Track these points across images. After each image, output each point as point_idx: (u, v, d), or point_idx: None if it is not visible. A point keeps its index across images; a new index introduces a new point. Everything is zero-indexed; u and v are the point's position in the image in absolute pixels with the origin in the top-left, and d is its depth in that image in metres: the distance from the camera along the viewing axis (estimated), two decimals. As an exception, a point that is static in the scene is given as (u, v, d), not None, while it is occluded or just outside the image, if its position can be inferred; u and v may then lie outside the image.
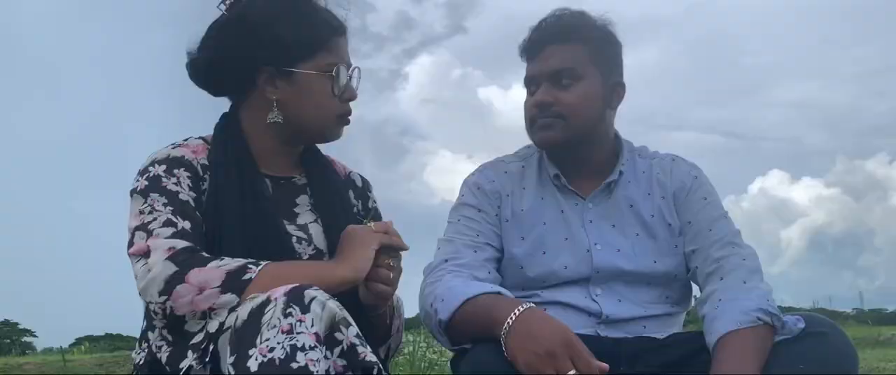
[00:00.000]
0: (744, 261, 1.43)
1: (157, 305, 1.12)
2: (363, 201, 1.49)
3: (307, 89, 1.31)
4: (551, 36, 1.53)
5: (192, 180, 1.26)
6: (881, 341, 7.30)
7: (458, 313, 1.30)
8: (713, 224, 1.50)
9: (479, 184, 1.56)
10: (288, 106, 1.31)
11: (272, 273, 1.14)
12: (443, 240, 1.51)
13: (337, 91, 1.32)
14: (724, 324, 1.30)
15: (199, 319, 1.12)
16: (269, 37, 1.29)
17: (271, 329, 1.00)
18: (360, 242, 1.24)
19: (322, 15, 1.33)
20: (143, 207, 1.22)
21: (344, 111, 1.35)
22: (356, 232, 1.27)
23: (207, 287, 1.11)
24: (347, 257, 1.23)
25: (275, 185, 1.37)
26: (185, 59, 1.36)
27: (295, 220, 1.35)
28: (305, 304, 1.02)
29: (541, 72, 1.52)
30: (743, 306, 1.31)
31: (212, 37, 1.34)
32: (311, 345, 0.99)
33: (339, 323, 1.04)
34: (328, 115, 1.33)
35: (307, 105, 1.31)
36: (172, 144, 1.32)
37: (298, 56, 1.30)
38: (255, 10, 1.31)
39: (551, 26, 1.54)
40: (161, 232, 1.18)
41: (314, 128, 1.35)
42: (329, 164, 1.45)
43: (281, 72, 1.30)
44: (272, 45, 1.29)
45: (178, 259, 1.14)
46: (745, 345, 1.26)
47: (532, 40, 1.55)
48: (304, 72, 1.30)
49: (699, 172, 1.58)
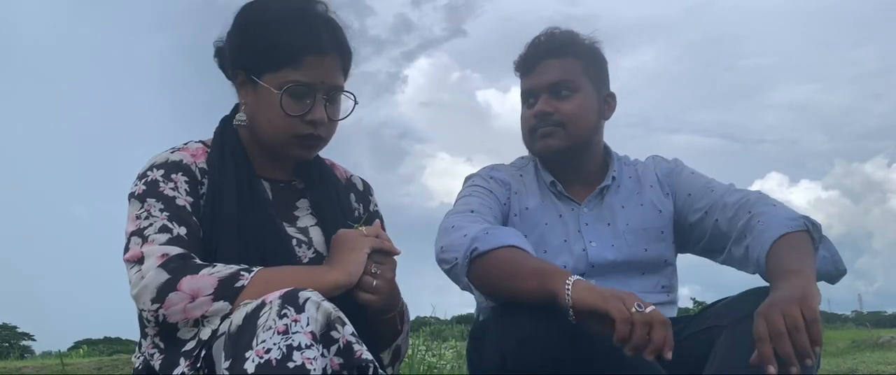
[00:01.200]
0: (760, 195, 1.53)
1: (150, 313, 1.12)
2: (364, 205, 1.49)
3: (264, 102, 1.28)
4: (547, 51, 1.63)
5: (190, 185, 1.26)
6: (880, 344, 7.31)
7: (499, 252, 1.34)
8: (710, 184, 1.62)
9: (491, 174, 1.66)
10: (251, 114, 1.32)
11: (264, 279, 1.14)
12: (461, 202, 1.56)
13: (290, 110, 1.26)
14: (775, 231, 1.36)
15: (192, 327, 1.12)
16: (247, 41, 1.30)
17: (267, 330, 1.00)
18: (352, 246, 1.24)
19: (308, 28, 1.28)
20: (140, 212, 1.22)
21: (302, 132, 1.29)
22: (347, 236, 1.26)
23: (200, 294, 1.11)
24: (340, 261, 1.22)
25: (274, 189, 1.37)
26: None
27: (295, 223, 1.35)
28: (300, 305, 1.02)
29: (539, 85, 1.62)
30: (787, 214, 1.41)
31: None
32: (307, 344, 0.99)
33: (334, 322, 1.05)
34: (281, 133, 1.29)
35: (262, 118, 1.30)
36: (172, 148, 1.31)
37: (264, 67, 1.28)
38: (250, 11, 1.32)
39: (547, 42, 1.64)
40: (156, 238, 1.18)
41: (269, 142, 1.32)
42: (328, 168, 1.45)
43: (249, 79, 1.30)
44: (247, 50, 1.30)
45: (170, 266, 1.14)
46: (800, 244, 1.34)
47: (528, 56, 1.65)
48: (263, 85, 1.28)
49: (679, 160, 1.72)
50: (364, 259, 1.22)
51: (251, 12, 1.32)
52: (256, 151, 1.34)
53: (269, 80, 1.27)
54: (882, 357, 4.97)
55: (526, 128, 1.64)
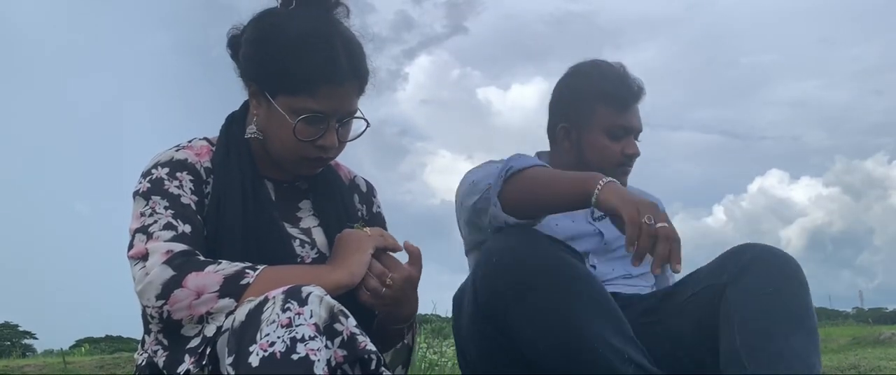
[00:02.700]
0: None
1: (154, 309, 1.12)
2: (368, 206, 1.49)
3: (278, 121, 1.28)
4: (637, 96, 1.75)
5: (195, 183, 1.27)
6: (881, 340, 7.31)
7: (533, 169, 1.46)
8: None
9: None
10: (262, 128, 1.32)
11: (269, 277, 1.14)
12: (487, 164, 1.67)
13: (302, 135, 1.26)
14: None
15: (196, 324, 1.12)
16: (264, 57, 1.28)
17: (271, 324, 1.00)
18: (356, 247, 1.24)
19: (328, 56, 1.25)
20: (145, 209, 1.22)
21: (311, 155, 1.29)
22: (351, 236, 1.27)
23: (205, 291, 1.11)
24: (343, 261, 1.22)
25: (277, 189, 1.37)
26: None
27: (298, 224, 1.35)
28: (303, 299, 1.03)
29: (635, 128, 1.74)
30: None
31: (246, 25, 1.35)
32: (311, 335, 1.00)
33: (337, 314, 1.05)
34: (290, 153, 1.29)
35: (273, 136, 1.30)
36: (176, 146, 1.32)
37: (280, 88, 1.26)
38: (270, 25, 1.30)
39: (638, 87, 1.75)
40: (161, 235, 1.18)
41: (276, 157, 1.33)
42: (332, 169, 1.45)
43: (263, 95, 1.29)
44: (263, 67, 1.28)
45: (175, 262, 1.14)
46: None
47: (625, 95, 1.73)
48: (277, 107, 1.27)
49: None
50: (367, 259, 1.23)
51: (271, 29, 1.29)
52: (261, 152, 1.34)
53: (282, 103, 1.26)
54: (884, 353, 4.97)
55: (613, 161, 1.72)
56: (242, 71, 1.34)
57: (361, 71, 1.30)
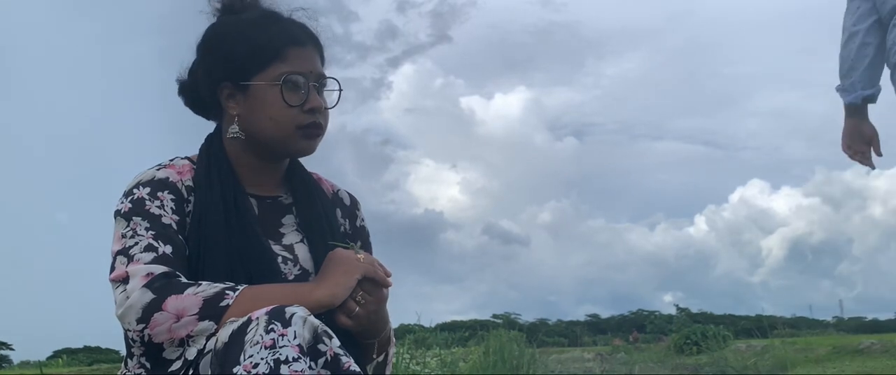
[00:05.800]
0: None
1: (135, 333, 1.11)
2: (351, 220, 1.48)
3: (261, 101, 1.29)
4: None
5: (176, 203, 1.26)
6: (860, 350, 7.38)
7: None
8: None
9: None
10: (247, 120, 1.31)
11: (249, 296, 1.14)
12: None
13: (290, 101, 1.29)
14: None
15: (177, 346, 1.12)
16: (225, 52, 1.31)
17: (254, 346, 1.00)
18: (345, 269, 1.23)
19: (282, 26, 1.33)
20: (126, 231, 1.21)
21: (304, 121, 1.30)
22: (342, 257, 1.26)
23: (185, 314, 1.11)
24: (327, 281, 1.22)
25: (260, 205, 1.36)
26: (172, 69, 1.39)
27: (280, 241, 1.34)
28: (286, 320, 1.02)
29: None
30: None
31: (193, 60, 1.38)
32: (294, 357, 1.00)
33: (321, 335, 1.05)
34: (284, 127, 1.30)
35: (262, 117, 1.30)
36: (158, 165, 1.31)
37: (252, 68, 1.30)
38: (217, 29, 1.35)
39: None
40: (141, 258, 1.17)
41: (274, 141, 1.32)
42: (315, 183, 1.44)
43: (238, 87, 1.31)
44: (228, 61, 1.31)
45: (155, 285, 1.13)
46: None
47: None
48: (256, 84, 1.29)
49: None
50: (353, 284, 1.21)
51: (222, 27, 1.35)
52: (244, 166, 1.34)
53: (261, 78, 1.29)
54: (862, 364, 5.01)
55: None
56: (209, 84, 1.34)
57: (317, 38, 1.37)
